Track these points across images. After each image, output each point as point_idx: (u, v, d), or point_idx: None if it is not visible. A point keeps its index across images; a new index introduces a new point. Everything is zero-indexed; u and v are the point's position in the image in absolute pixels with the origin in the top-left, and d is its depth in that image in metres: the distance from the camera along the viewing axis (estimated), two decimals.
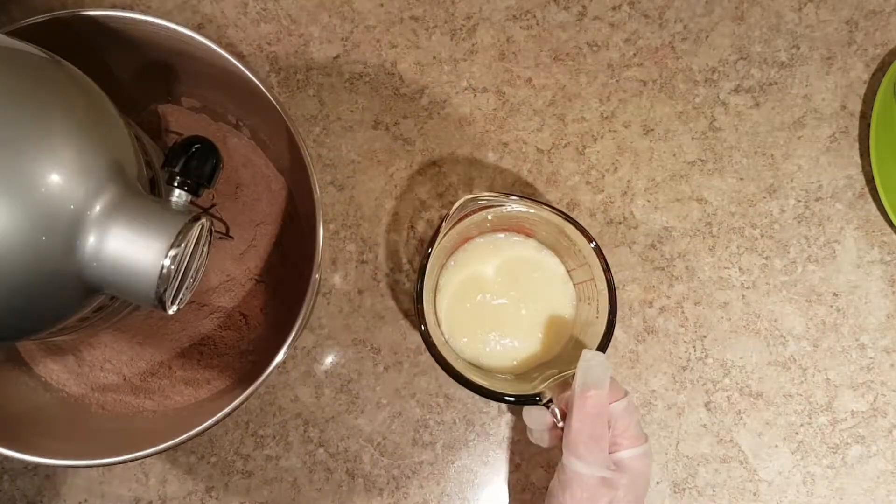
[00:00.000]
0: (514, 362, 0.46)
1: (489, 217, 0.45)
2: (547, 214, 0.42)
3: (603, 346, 0.41)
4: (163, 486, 0.49)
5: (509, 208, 0.43)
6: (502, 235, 0.47)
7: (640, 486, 0.41)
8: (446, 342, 0.46)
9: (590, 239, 0.42)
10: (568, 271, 0.47)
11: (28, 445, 0.40)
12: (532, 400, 0.40)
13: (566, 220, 0.42)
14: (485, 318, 0.46)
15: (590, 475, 0.39)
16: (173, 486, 0.49)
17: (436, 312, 0.46)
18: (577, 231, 0.42)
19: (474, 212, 0.43)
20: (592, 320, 0.43)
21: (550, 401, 0.40)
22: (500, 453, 0.49)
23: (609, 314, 0.41)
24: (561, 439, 0.40)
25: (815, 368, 0.50)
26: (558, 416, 0.40)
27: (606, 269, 0.41)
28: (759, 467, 0.50)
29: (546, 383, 0.41)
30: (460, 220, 0.43)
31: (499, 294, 0.46)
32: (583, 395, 0.39)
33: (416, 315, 0.43)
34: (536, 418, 0.42)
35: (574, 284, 0.46)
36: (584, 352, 0.39)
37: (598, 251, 0.42)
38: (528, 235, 0.47)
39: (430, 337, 0.41)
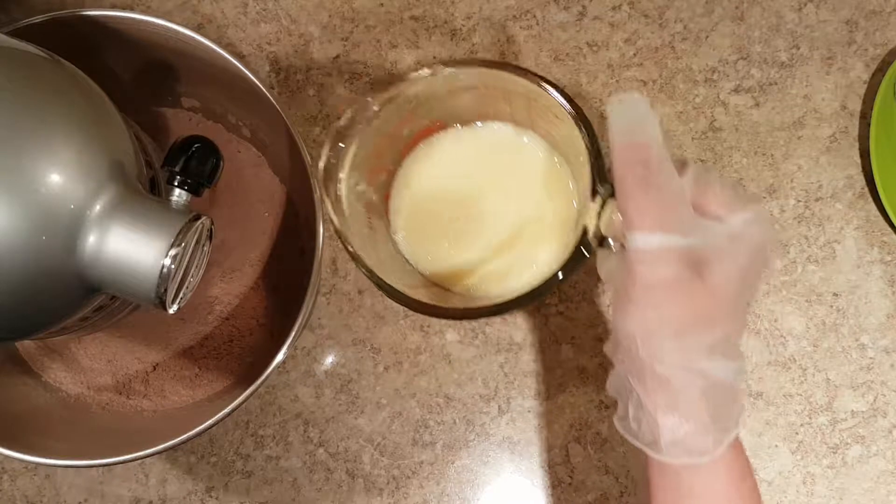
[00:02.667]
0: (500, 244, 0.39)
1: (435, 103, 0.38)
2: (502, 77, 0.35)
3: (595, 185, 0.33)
4: (163, 486, 0.49)
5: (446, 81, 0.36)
6: (460, 128, 0.40)
7: (751, 260, 0.30)
8: (408, 262, 0.40)
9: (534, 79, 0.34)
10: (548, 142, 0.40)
11: (28, 445, 0.40)
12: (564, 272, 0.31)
13: (504, 69, 0.34)
14: (458, 222, 0.39)
15: (659, 248, 0.29)
16: (173, 486, 0.49)
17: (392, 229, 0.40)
18: (514, 76, 0.34)
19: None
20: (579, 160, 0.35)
21: (603, 239, 0.31)
22: (500, 453, 0.49)
23: (588, 143, 0.33)
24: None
25: (815, 368, 0.50)
26: (616, 235, 0.31)
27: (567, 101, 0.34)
28: (759, 467, 0.50)
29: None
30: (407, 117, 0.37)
31: (472, 191, 0.40)
32: (625, 149, 0.29)
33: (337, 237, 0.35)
34: (607, 265, 0.33)
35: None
36: (610, 98, 0.31)
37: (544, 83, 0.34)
38: (495, 118, 0.41)
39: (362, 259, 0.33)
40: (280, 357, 0.40)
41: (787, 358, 0.50)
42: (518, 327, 0.50)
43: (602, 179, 0.32)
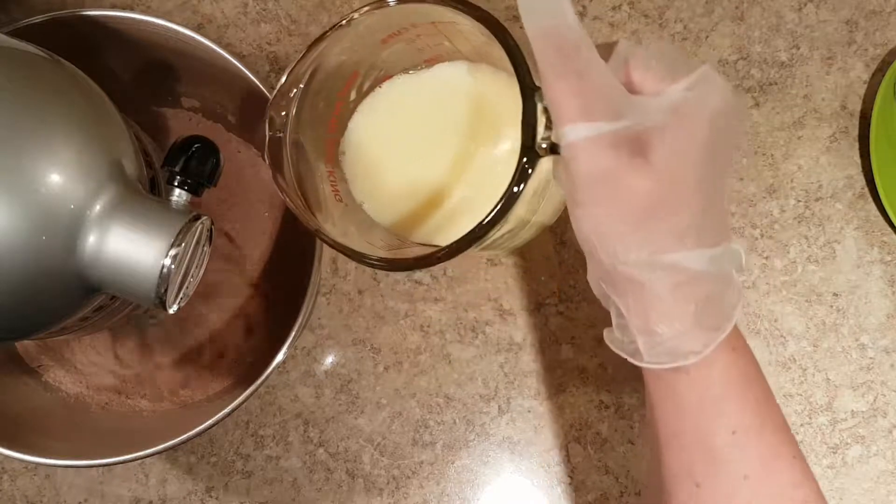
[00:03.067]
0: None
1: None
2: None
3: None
4: (163, 486, 0.49)
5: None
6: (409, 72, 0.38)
7: (704, 130, 0.27)
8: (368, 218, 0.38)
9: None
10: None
11: (28, 445, 0.40)
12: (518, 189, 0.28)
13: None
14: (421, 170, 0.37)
15: (587, 139, 0.26)
16: (173, 486, 0.49)
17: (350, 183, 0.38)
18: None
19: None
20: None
21: (554, 145, 0.27)
22: (500, 453, 0.49)
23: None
24: None
25: (815, 368, 0.50)
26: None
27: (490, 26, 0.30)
28: None
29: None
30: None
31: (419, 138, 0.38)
32: (539, 40, 0.26)
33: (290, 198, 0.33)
34: (559, 172, 0.29)
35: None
36: None
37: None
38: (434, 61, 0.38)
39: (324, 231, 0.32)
40: (280, 357, 0.40)
41: (787, 358, 0.50)
42: (518, 327, 0.50)
43: (532, 81, 0.29)
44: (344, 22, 0.33)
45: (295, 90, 0.33)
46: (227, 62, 0.41)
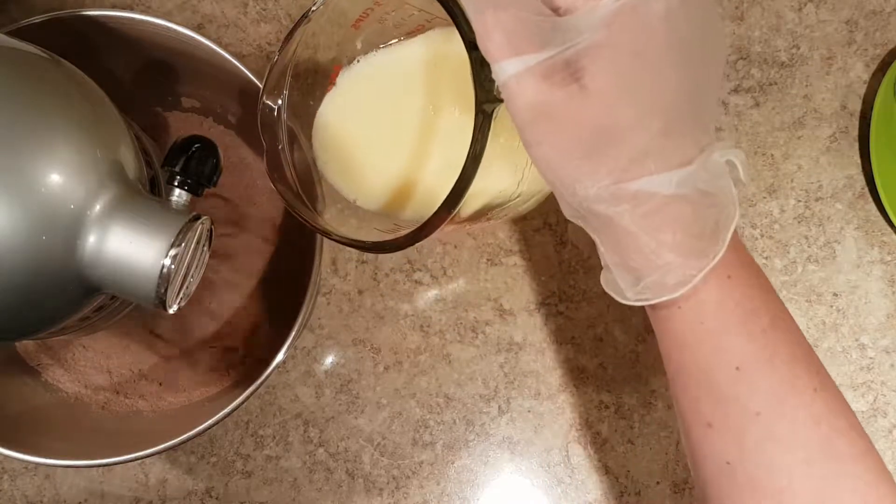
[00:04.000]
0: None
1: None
2: None
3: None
4: (163, 486, 0.49)
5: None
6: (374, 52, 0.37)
7: (643, 38, 0.24)
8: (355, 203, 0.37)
9: None
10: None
11: (28, 445, 0.40)
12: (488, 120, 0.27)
13: None
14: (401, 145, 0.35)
15: (517, 74, 0.24)
16: (173, 486, 0.49)
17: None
18: None
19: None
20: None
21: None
22: (500, 453, 0.49)
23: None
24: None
25: None
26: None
27: None
28: None
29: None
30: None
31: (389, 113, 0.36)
32: None
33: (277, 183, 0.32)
34: None
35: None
36: None
37: None
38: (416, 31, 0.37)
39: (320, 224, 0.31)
40: (280, 357, 0.40)
41: None
42: (518, 327, 0.50)
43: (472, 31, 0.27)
44: (305, 18, 0.33)
45: (282, 95, 0.33)
46: (227, 62, 0.41)
